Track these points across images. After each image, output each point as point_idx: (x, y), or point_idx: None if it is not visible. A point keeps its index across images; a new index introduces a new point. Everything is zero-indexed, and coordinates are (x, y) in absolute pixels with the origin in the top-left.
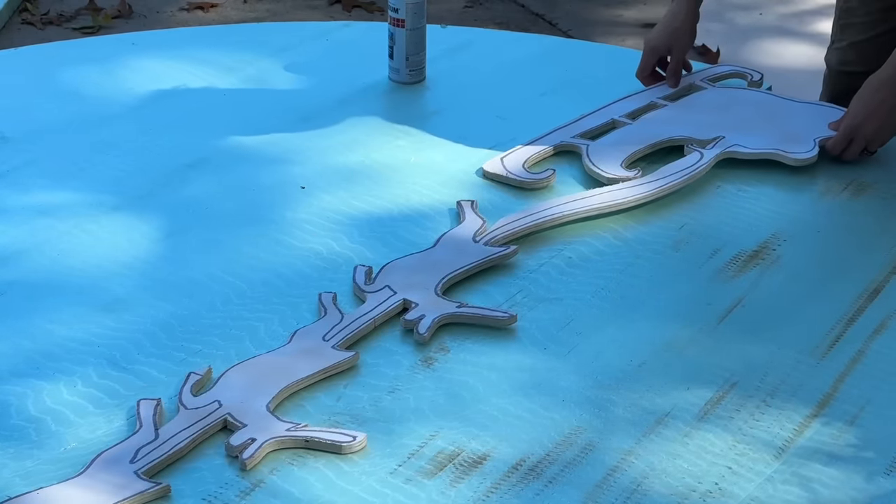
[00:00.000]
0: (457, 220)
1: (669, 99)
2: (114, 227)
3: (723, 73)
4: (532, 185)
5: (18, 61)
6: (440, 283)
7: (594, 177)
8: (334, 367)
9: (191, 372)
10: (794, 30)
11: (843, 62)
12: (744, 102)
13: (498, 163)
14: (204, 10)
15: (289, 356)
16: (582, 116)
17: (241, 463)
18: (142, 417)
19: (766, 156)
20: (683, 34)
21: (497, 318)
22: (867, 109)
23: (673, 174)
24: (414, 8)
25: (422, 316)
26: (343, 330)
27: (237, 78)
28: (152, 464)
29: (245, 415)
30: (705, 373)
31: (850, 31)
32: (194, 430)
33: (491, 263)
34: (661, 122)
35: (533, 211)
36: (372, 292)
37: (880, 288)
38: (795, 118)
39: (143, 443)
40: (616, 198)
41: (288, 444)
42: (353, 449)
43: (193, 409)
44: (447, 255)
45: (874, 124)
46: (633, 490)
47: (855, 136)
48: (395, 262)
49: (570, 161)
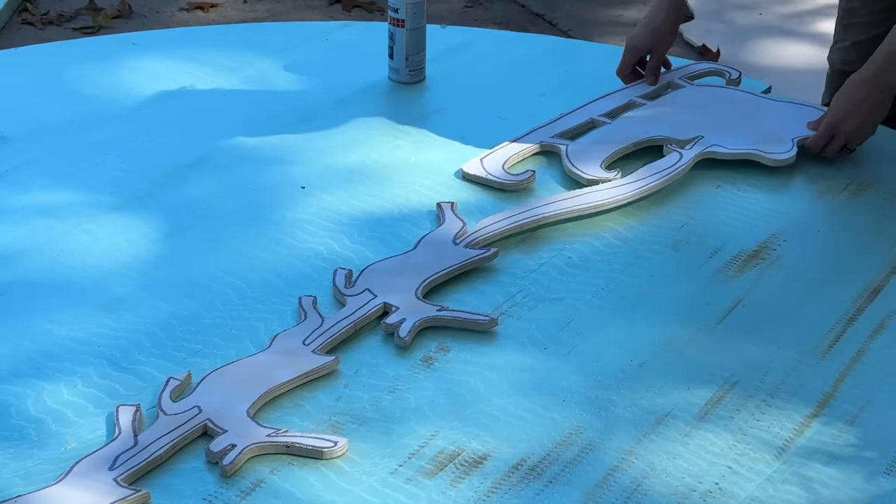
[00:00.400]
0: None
1: (648, 97)
2: (114, 227)
3: (701, 70)
4: (511, 187)
5: (18, 61)
6: (420, 286)
7: (574, 178)
8: (314, 372)
9: (170, 377)
10: (795, 30)
11: (845, 62)
12: (722, 101)
13: (477, 164)
14: (204, 10)
15: (269, 361)
16: (561, 115)
17: (221, 469)
18: (121, 424)
19: (745, 156)
20: (664, 34)
21: (478, 321)
22: (848, 107)
23: (652, 175)
24: (414, 8)
25: (402, 320)
26: (323, 334)
27: (237, 78)
28: (131, 471)
29: (225, 420)
30: (705, 373)
31: (852, 30)
32: (174, 436)
33: (471, 266)
34: (640, 121)
35: (513, 213)
36: (352, 296)
37: (880, 288)
38: (773, 118)
39: (121, 449)
40: (596, 199)
41: (269, 450)
42: (333, 454)
43: (173, 414)
44: (427, 257)
45: (854, 122)
46: (634, 490)
47: (835, 133)
48: (375, 265)
49: (551, 161)
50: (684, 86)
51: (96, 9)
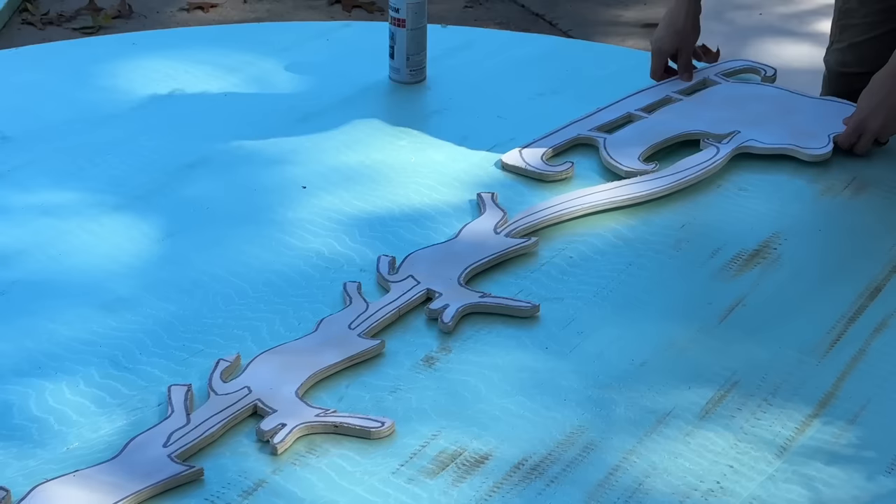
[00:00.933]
0: (462, 216)
1: (684, 93)
2: (115, 226)
3: (737, 67)
4: (551, 178)
5: (18, 61)
6: (463, 274)
7: (612, 170)
8: (361, 355)
9: (220, 358)
10: (794, 30)
11: (841, 63)
12: (758, 98)
13: (516, 154)
14: (204, 10)
15: (316, 344)
16: (598, 110)
17: (271, 447)
18: (173, 402)
19: (782, 151)
20: (688, 34)
21: (520, 307)
22: (873, 103)
23: (690, 168)
24: (415, 8)
25: (446, 305)
26: (368, 319)
27: (237, 78)
28: (185, 448)
29: (274, 400)
30: (706, 372)
31: (849, 31)
32: (225, 414)
33: (512, 254)
34: (677, 116)
35: (553, 203)
36: (396, 282)
37: (881, 287)
38: (808, 114)
39: (175, 427)
40: (635, 191)
41: (317, 430)
42: (381, 434)
43: (224, 394)
44: (469, 246)
45: (881, 116)
46: (635, 489)
47: (864, 130)
48: (417, 253)
49: (587, 154)
50: (720, 82)
51: (96, 9)
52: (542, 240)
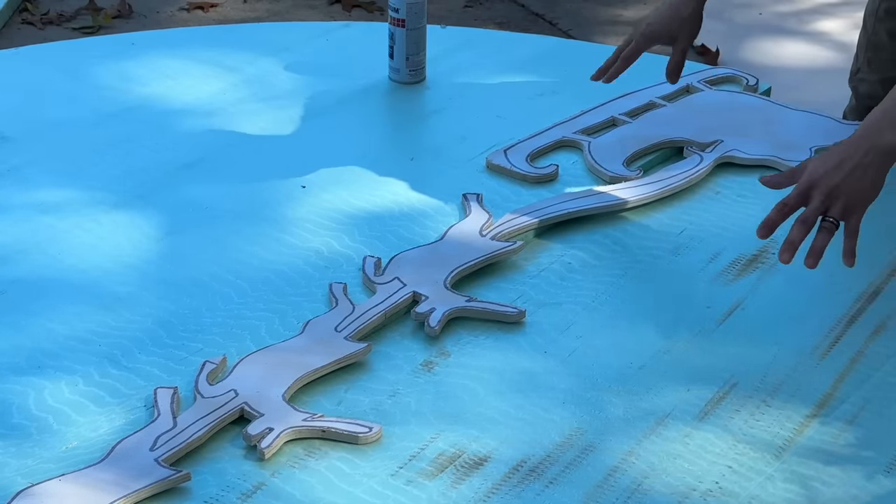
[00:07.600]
0: (458, 217)
1: (667, 99)
2: (114, 225)
3: (719, 75)
4: (535, 179)
5: (18, 61)
6: (449, 277)
7: (596, 174)
8: (347, 359)
9: (206, 361)
10: (794, 29)
11: (871, 96)
12: (741, 107)
13: (501, 154)
14: (204, 10)
15: (302, 346)
16: (582, 112)
17: (259, 452)
18: (159, 406)
19: (764, 162)
20: (692, 24)
21: (506, 313)
22: (827, 163)
23: (673, 176)
24: (414, 8)
25: (432, 309)
26: (355, 321)
27: (237, 78)
28: (172, 451)
29: (261, 404)
30: (705, 374)
31: (880, 66)
32: (212, 418)
33: (497, 258)
34: (661, 122)
35: (538, 207)
36: (382, 283)
37: (880, 289)
38: (791, 126)
39: (161, 431)
40: (619, 197)
41: (304, 434)
42: (368, 440)
43: (210, 397)
44: (454, 248)
45: (835, 178)
46: (634, 490)
47: (812, 189)
48: (403, 254)
49: (571, 156)
50: (703, 89)
51: (96, 9)
52: (539, 245)
